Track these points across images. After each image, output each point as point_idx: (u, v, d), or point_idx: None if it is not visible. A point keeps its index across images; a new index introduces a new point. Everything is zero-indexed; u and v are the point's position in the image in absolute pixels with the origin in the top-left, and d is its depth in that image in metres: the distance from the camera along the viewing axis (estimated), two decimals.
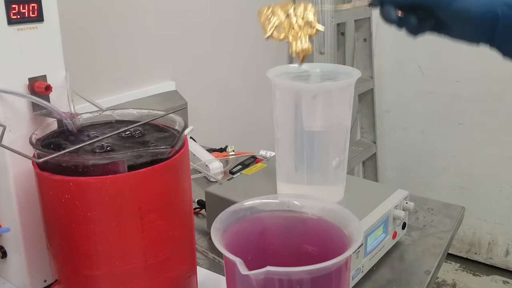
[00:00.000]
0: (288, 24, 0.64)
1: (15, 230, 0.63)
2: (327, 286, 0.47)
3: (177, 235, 0.56)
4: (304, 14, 0.64)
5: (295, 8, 0.65)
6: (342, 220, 0.52)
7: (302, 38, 0.64)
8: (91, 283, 0.52)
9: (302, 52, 0.65)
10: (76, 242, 0.51)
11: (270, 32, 0.64)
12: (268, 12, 0.65)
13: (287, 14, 0.64)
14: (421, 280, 0.74)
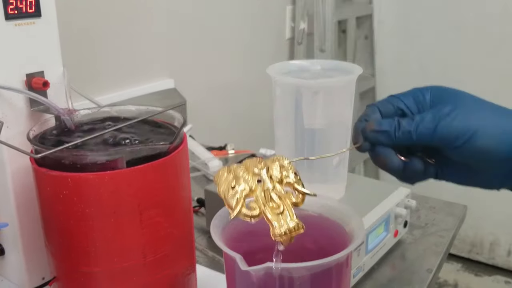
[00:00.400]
0: (262, 193, 0.42)
1: (13, 227, 0.62)
2: (328, 282, 0.47)
3: (176, 232, 0.56)
4: (281, 175, 0.43)
5: (268, 167, 0.43)
6: (343, 217, 0.52)
7: (286, 213, 0.42)
8: (90, 280, 0.51)
9: (289, 234, 0.42)
10: (74, 238, 0.50)
11: (237, 209, 0.41)
12: (229, 176, 0.43)
13: (257, 179, 0.43)
14: (423, 278, 0.73)
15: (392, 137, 0.45)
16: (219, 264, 0.76)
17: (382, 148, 0.47)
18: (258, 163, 0.43)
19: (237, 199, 0.41)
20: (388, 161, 0.47)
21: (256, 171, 0.42)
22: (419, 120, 0.45)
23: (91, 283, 0.51)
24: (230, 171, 0.43)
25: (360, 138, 0.48)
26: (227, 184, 0.42)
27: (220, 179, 0.43)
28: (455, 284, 1.96)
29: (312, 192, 0.44)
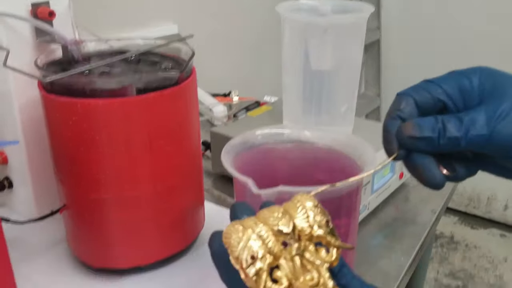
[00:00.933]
0: (290, 261, 0.30)
1: (21, 161, 0.62)
2: (337, 211, 0.47)
3: (186, 164, 0.56)
4: (311, 228, 0.31)
5: (292, 220, 0.31)
6: (354, 151, 0.51)
7: (321, 281, 0.30)
8: (100, 208, 0.52)
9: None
10: (84, 166, 0.50)
11: (261, 283, 0.29)
12: (242, 237, 0.30)
13: (277, 233, 0.30)
14: (427, 219, 0.74)
15: (435, 144, 0.36)
16: (225, 202, 0.76)
17: (421, 157, 0.37)
18: (280, 215, 0.30)
19: (257, 272, 0.29)
20: (428, 174, 0.37)
21: (281, 229, 0.30)
22: (469, 123, 0.35)
23: (101, 211, 0.52)
24: (244, 229, 0.30)
25: (394, 143, 0.37)
26: (243, 251, 0.29)
27: (230, 242, 0.30)
28: (451, 236, 1.99)
29: (349, 245, 0.32)
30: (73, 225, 0.55)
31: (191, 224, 0.59)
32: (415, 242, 0.68)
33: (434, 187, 0.37)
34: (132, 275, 0.56)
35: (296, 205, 0.32)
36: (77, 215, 0.54)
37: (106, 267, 0.55)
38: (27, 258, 0.58)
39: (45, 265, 0.58)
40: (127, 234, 0.54)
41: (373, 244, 0.68)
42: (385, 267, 0.64)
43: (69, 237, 0.57)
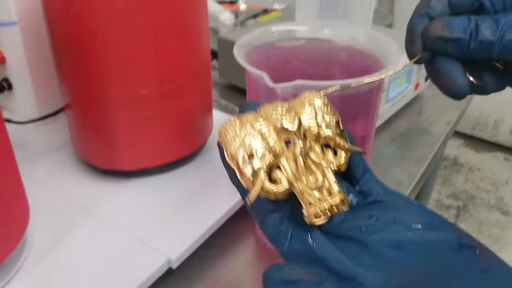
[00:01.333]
0: (293, 161, 0.27)
1: (19, 59, 0.59)
2: (354, 110, 0.45)
3: (194, 63, 0.52)
4: (318, 127, 0.28)
5: (298, 116, 0.28)
6: (378, 49, 0.48)
7: (326, 184, 0.26)
8: (105, 106, 0.49)
9: (329, 213, 0.26)
10: (87, 60, 0.47)
11: (257, 188, 0.26)
12: (240, 131, 0.27)
13: (286, 139, 0.27)
14: (441, 130, 0.72)
15: (464, 48, 0.30)
16: (232, 111, 0.74)
17: (447, 62, 0.31)
18: (284, 111, 0.27)
19: (255, 172, 0.25)
20: (452, 81, 0.32)
21: (285, 126, 0.26)
22: (506, 27, 0.30)
23: (107, 110, 0.49)
24: (242, 124, 0.26)
25: (418, 43, 0.32)
26: (240, 148, 0.26)
27: (226, 137, 0.26)
28: (455, 158, 2.00)
29: (359, 148, 0.28)
30: (77, 125, 0.53)
31: (199, 129, 0.57)
32: (428, 151, 0.67)
33: (456, 96, 0.32)
34: (139, 177, 0.54)
35: (303, 102, 0.28)
36: (81, 114, 0.52)
37: (112, 169, 0.54)
38: (32, 161, 0.57)
39: (51, 167, 0.56)
40: (133, 135, 0.51)
41: (386, 153, 0.67)
42: (397, 176, 0.62)
43: (73, 138, 0.55)
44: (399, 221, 0.25)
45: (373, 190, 0.28)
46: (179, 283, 0.46)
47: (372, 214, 0.26)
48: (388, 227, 0.25)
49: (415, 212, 0.26)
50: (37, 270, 0.44)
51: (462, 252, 0.24)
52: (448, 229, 0.25)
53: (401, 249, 0.24)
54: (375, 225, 0.25)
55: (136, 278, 0.43)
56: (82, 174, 0.55)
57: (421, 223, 0.25)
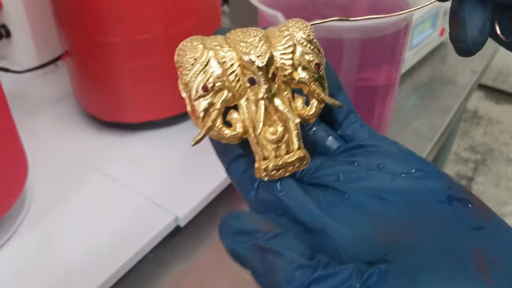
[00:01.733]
0: (254, 104, 0.22)
1: (16, 3, 0.55)
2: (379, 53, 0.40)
3: (202, 6, 0.48)
4: (293, 67, 0.22)
5: (270, 49, 0.22)
6: None
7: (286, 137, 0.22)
8: (106, 53, 0.45)
9: (283, 170, 0.22)
10: (85, 2, 0.43)
11: (207, 124, 0.21)
12: (199, 58, 0.21)
13: (250, 77, 0.22)
14: (467, 79, 0.67)
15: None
16: None
17: (476, 4, 0.25)
18: (256, 41, 0.22)
19: (207, 109, 0.21)
20: (471, 27, 0.25)
21: (252, 59, 0.21)
22: None
23: (108, 57, 0.46)
24: (204, 48, 0.22)
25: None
26: (195, 76, 0.21)
27: (183, 60, 0.22)
28: (474, 111, 1.94)
29: (337, 102, 0.23)
30: (77, 74, 0.50)
31: None
32: (453, 102, 0.62)
33: (468, 50, 0.25)
34: (145, 130, 0.51)
35: (282, 33, 0.23)
36: (81, 62, 0.48)
37: (117, 121, 0.50)
38: (33, 113, 0.54)
39: (52, 119, 0.53)
40: (138, 84, 0.48)
41: (407, 104, 0.62)
42: (419, 128, 0.58)
43: (74, 89, 0.52)
44: (383, 168, 0.22)
45: (357, 134, 0.24)
46: (186, 241, 0.43)
47: (353, 160, 0.23)
48: (369, 175, 0.21)
49: (403, 158, 0.22)
50: (37, 228, 0.42)
51: (451, 205, 0.20)
52: (438, 178, 0.21)
53: (381, 200, 0.21)
54: (356, 171, 0.22)
55: (141, 236, 0.41)
56: (84, 127, 0.52)
57: (408, 171, 0.22)
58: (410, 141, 0.56)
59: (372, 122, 0.45)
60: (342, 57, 0.39)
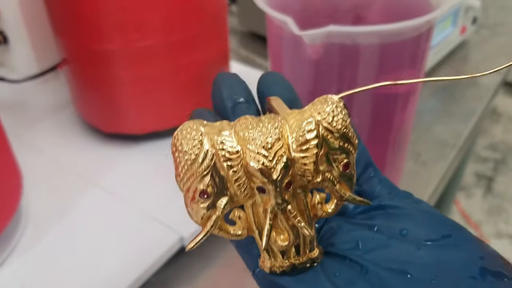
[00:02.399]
0: (262, 208, 0.18)
1: (13, 9, 0.53)
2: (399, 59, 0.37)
3: (207, 8, 0.45)
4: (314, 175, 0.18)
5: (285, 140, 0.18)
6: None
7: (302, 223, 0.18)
8: (104, 62, 0.43)
9: (289, 269, 0.19)
10: (81, 8, 0.40)
11: (206, 229, 0.18)
12: (196, 151, 0.17)
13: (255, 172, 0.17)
14: (491, 80, 0.63)
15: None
16: (254, 63, 0.67)
17: None
18: (269, 138, 0.17)
19: (205, 214, 0.18)
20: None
21: (260, 169, 0.17)
22: None
23: (107, 66, 0.43)
24: (208, 141, 0.18)
25: None
26: (194, 179, 0.18)
27: (180, 150, 0.18)
28: (493, 108, 1.88)
29: (363, 201, 0.19)
30: (76, 83, 0.47)
31: None
32: (477, 105, 0.59)
33: None
34: (148, 142, 0.49)
35: (304, 126, 0.17)
36: (79, 71, 0.45)
37: (118, 132, 0.48)
38: (30, 123, 0.52)
39: (51, 130, 0.51)
40: (139, 94, 0.45)
41: (427, 108, 0.59)
42: (440, 134, 0.55)
43: (74, 99, 0.50)
44: (406, 234, 0.19)
45: (377, 191, 0.21)
46: (193, 263, 0.40)
47: (373, 224, 0.20)
48: (392, 244, 0.19)
49: (428, 222, 0.19)
50: (35, 248, 0.39)
51: (485, 281, 0.17)
52: (468, 246, 0.19)
53: (405, 275, 0.18)
54: (376, 239, 0.19)
55: (144, 258, 0.38)
56: (84, 138, 0.49)
57: (435, 238, 0.19)
58: (431, 148, 0.53)
59: (392, 131, 0.42)
60: (359, 63, 0.35)
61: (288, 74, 0.39)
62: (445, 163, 0.51)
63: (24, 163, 0.42)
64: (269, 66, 0.41)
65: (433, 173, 0.50)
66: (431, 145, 0.53)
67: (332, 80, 0.36)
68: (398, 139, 0.42)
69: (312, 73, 0.36)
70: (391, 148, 0.42)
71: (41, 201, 0.43)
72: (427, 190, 0.48)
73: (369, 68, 0.35)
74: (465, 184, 1.57)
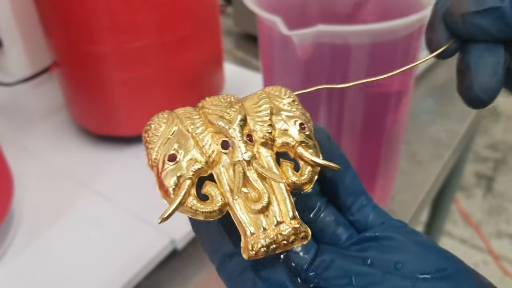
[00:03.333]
0: (231, 168, 0.19)
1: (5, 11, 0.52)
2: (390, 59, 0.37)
3: (199, 9, 0.45)
4: (272, 129, 0.20)
5: (244, 115, 0.19)
6: None
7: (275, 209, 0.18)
8: (96, 62, 0.42)
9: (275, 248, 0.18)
10: (71, 9, 0.40)
11: (177, 200, 0.18)
12: (166, 128, 0.19)
13: (222, 139, 0.19)
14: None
15: (505, 19, 0.20)
16: (250, 65, 0.66)
17: (485, 49, 0.21)
18: (227, 104, 0.20)
19: (176, 180, 0.18)
20: (478, 71, 0.21)
21: (220, 124, 0.19)
22: None
23: (98, 67, 0.43)
24: (172, 119, 0.20)
25: (440, 30, 0.22)
26: (162, 149, 0.19)
27: (149, 134, 0.20)
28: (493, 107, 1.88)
29: (331, 163, 0.19)
30: (67, 86, 0.47)
31: (207, 86, 0.50)
32: None
33: (477, 96, 0.21)
34: (140, 143, 0.48)
35: (258, 95, 0.21)
36: (70, 73, 0.45)
37: (110, 135, 0.48)
38: (23, 126, 0.51)
39: (44, 132, 0.51)
40: (131, 95, 0.45)
41: (423, 109, 0.58)
42: (436, 134, 0.54)
43: (66, 101, 0.49)
44: (401, 268, 0.19)
45: (370, 220, 0.21)
46: (185, 266, 0.40)
47: (366, 256, 0.19)
48: (386, 279, 0.18)
49: (424, 254, 0.19)
50: (27, 250, 0.39)
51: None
52: (463, 279, 0.18)
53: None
54: (370, 274, 0.18)
55: (136, 261, 0.38)
56: (77, 140, 0.49)
57: (431, 270, 0.18)
58: (427, 148, 0.53)
59: (385, 131, 0.42)
60: (349, 63, 0.35)
61: (278, 75, 0.39)
62: (440, 163, 0.51)
63: (17, 165, 0.41)
64: (261, 67, 0.41)
65: (428, 173, 0.50)
66: (426, 145, 0.53)
67: (323, 80, 0.36)
68: (391, 139, 0.42)
69: (302, 73, 0.36)
70: (384, 147, 0.42)
71: (34, 203, 0.42)
72: (423, 190, 0.48)
73: (360, 68, 0.35)
74: (465, 184, 1.57)
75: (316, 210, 0.21)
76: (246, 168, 0.18)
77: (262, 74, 0.41)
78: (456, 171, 0.83)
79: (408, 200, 0.47)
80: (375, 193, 0.44)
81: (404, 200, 0.47)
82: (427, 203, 0.51)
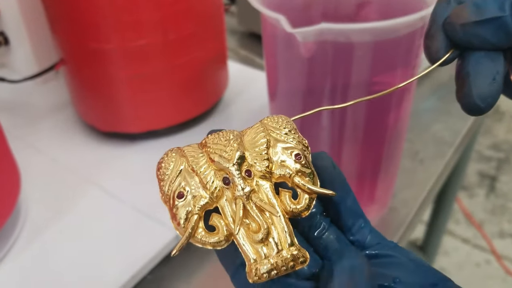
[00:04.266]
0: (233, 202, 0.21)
1: (13, 9, 0.53)
2: (394, 57, 0.37)
3: (203, 8, 0.45)
4: (269, 163, 0.21)
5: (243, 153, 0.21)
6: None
7: (274, 238, 0.20)
8: (101, 60, 0.43)
9: (277, 273, 0.19)
10: (78, 7, 0.41)
11: (187, 231, 0.20)
12: (174, 166, 0.21)
13: (224, 176, 0.21)
14: None
15: (505, 29, 0.21)
16: (253, 63, 0.67)
17: (483, 57, 0.22)
18: (226, 143, 0.21)
19: (185, 215, 0.20)
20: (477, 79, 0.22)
21: (219, 159, 0.21)
22: None
23: (104, 63, 0.43)
24: (179, 157, 0.21)
25: (440, 39, 0.23)
26: (171, 186, 0.21)
27: (160, 172, 0.21)
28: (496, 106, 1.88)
29: (326, 190, 0.21)
30: (73, 83, 0.47)
31: (211, 84, 0.50)
32: None
33: (475, 104, 0.22)
34: (146, 140, 0.49)
35: (255, 129, 0.22)
36: (76, 70, 0.46)
37: (116, 131, 0.48)
38: (30, 123, 0.52)
39: (50, 129, 0.51)
40: (136, 93, 0.45)
41: (425, 107, 0.59)
42: (438, 133, 0.55)
43: (72, 98, 0.50)
44: (399, 282, 0.20)
45: (368, 240, 0.22)
46: (190, 260, 0.41)
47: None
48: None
49: (418, 270, 0.21)
50: (33, 246, 0.40)
51: None
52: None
53: None
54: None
55: (141, 255, 0.38)
56: (83, 137, 0.50)
57: (424, 285, 0.20)
58: (429, 146, 0.53)
59: (387, 129, 0.42)
60: (352, 61, 0.35)
61: (282, 73, 0.39)
62: (442, 161, 0.51)
63: (23, 162, 0.42)
64: (264, 65, 0.42)
65: (430, 171, 0.50)
66: (429, 144, 0.54)
67: (326, 78, 0.36)
68: (394, 137, 0.42)
69: (305, 71, 0.37)
70: (386, 145, 0.42)
71: (40, 199, 0.43)
72: (425, 188, 0.48)
73: (363, 66, 0.36)
74: (468, 184, 1.57)
75: (320, 229, 0.22)
76: (246, 202, 0.20)
77: (265, 72, 0.42)
78: (459, 170, 0.83)
79: (410, 198, 0.47)
80: (377, 191, 0.45)
81: (406, 198, 0.47)
82: (429, 202, 0.51)
